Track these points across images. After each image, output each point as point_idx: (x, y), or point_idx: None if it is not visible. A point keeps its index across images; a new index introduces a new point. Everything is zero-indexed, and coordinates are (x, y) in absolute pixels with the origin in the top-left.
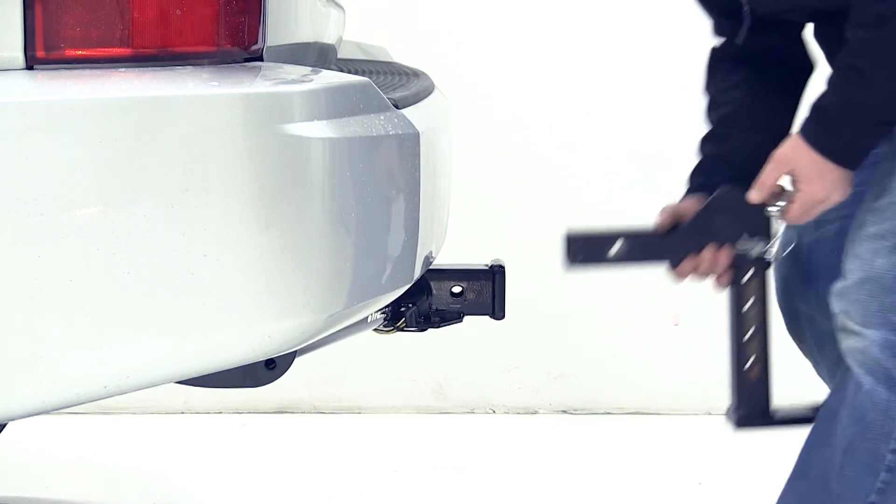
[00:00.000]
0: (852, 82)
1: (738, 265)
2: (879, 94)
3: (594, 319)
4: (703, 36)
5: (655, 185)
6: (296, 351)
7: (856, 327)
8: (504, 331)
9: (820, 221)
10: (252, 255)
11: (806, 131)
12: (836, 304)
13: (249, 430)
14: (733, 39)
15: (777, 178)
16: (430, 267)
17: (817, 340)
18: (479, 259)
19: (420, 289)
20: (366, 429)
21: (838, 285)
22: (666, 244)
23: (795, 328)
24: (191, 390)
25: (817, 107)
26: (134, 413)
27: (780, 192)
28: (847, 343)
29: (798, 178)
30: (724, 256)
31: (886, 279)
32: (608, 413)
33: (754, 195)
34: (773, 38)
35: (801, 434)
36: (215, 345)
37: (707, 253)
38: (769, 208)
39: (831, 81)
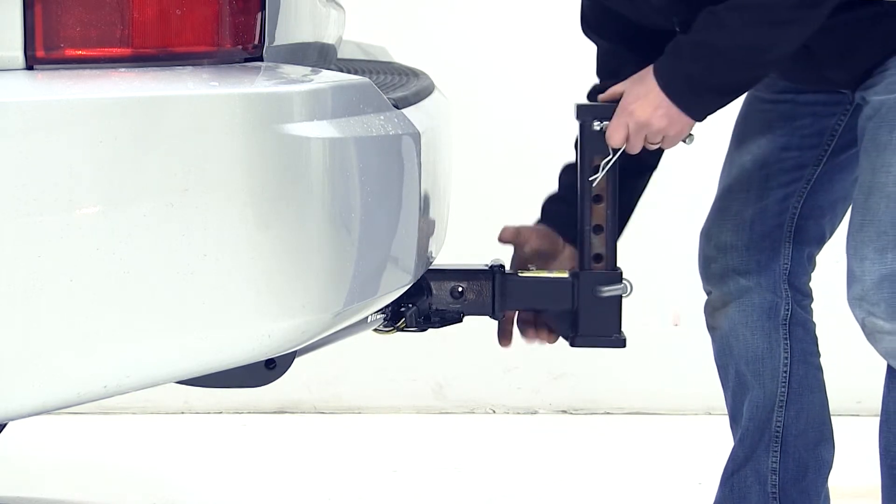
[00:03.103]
0: (708, 24)
1: None
2: (729, 37)
3: None
4: None
5: (655, 185)
6: (296, 351)
7: (886, 325)
8: None
9: (763, 193)
10: (252, 255)
11: (656, 61)
12: (858, 311)
13: (249, 430)
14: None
15: (620, 93)
16: (430, 267)
17: (743, 314)
18: (479, 259)
19: (420, 289)
20: (366, 429)
21: (854, 291)
22: None
23: (720, 299)
24: (191, 390)
25: (674, 42)
26: (134, 413)
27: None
28: (884, 345)
29: (630, 97)
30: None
31: None
32: (608, 413)
33: (602, 96)
34: None
35: None
36: (215, 345)
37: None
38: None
39: (693, 25)
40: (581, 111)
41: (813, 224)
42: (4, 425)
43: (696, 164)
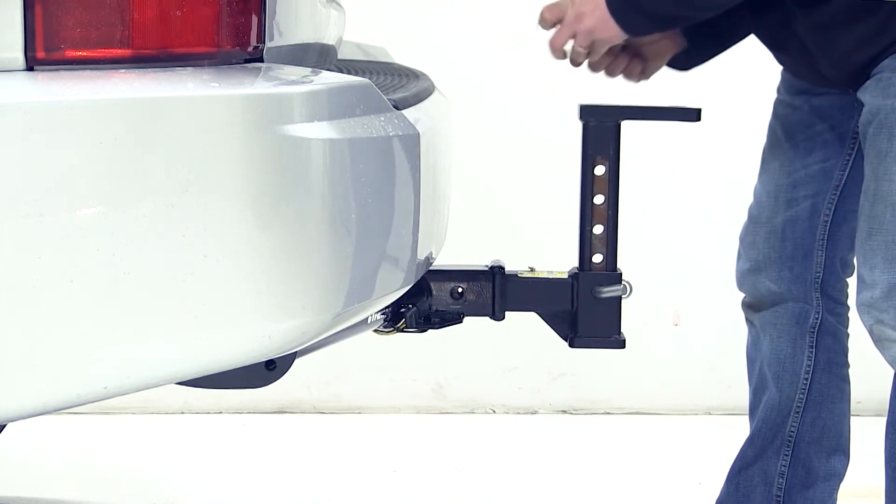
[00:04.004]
0: None
1: None
2: None
3: None
4: None
5: (658, 185)
6: (296, 352)
7: (895, 333)
8: (504, 331)
9: (792, 201)
10: (252, 256)
11: None
12: (866, 318)
13: (249, 430)
14: None
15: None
16: (430, 268)
17: (774, 317)
18: (479, 259)
19: (420, 290)
20: (366, 429)
21: (863, 297)
22: None
23: (754, 302)
24: (190, 390)
25: None
26: (134, 413)
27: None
28: (892, 352)
29: None
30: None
31: None
32: (608, 413)
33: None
34: None
35: None
36: (215, 346)
37: None
38: None
39: None
40: (584, 111)
41: (845, 229)
42: (4, 425)
43: (696, 165)
